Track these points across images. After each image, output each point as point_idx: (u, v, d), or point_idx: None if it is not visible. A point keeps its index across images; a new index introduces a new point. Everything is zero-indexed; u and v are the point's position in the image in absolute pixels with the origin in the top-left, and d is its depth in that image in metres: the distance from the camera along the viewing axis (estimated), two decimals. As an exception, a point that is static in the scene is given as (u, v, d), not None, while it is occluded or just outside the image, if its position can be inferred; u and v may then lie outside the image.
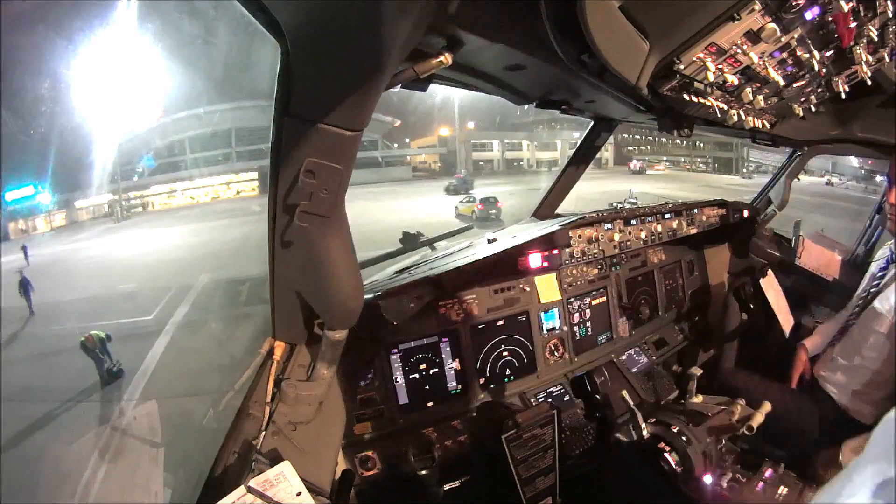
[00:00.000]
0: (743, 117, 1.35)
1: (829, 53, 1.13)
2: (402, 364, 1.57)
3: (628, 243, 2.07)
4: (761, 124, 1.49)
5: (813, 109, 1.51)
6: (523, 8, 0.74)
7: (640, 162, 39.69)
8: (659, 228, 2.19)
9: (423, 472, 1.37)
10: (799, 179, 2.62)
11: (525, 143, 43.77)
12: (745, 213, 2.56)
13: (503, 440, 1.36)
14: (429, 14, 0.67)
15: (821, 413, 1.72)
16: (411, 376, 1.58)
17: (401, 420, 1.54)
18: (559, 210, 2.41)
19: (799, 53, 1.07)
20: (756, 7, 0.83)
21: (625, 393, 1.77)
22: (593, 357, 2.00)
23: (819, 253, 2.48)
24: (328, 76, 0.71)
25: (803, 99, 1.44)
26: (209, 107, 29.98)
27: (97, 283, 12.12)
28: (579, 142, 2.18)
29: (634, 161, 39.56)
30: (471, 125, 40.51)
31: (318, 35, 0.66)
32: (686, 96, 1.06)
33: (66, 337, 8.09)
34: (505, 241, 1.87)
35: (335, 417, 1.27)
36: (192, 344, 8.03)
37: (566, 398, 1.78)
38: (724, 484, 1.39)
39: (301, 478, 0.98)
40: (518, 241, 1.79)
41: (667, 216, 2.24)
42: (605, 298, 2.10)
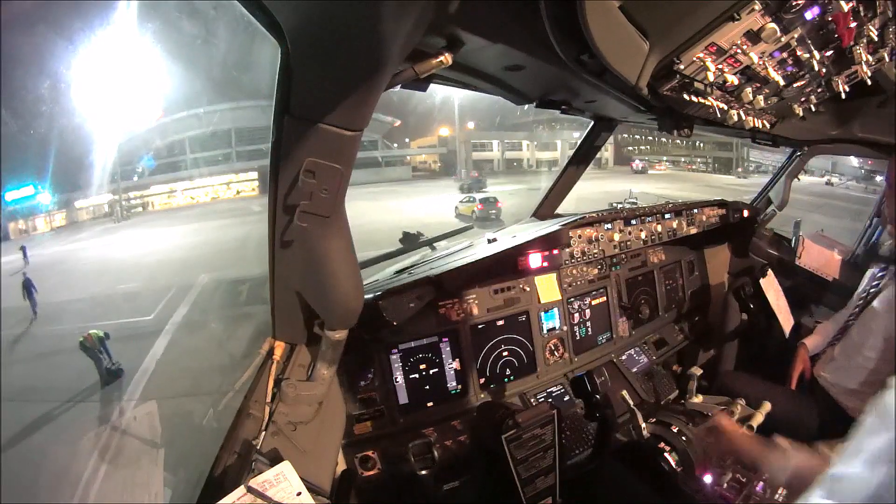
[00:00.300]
0: (743, 117, 1.35)
1: (829, 53, 1.13)
2: (402, 364, 1.57)
3: (628, 243, 2.07)
4: (761, 124, 1.49)
5: (813, 109, 1.51)
6: (523, 8, 0.74)
7: (643, 162, 40.42)
8: (659, 228, 2.19)
9: (423, 472, 1.37)
10: (799, 179, 2.62)
11: (525, 143, 43.75)
12: (745, 213, 2.56)
13: (503, 440, 1.36)
14: (429, 14, 0.67)
15: (820, 413, 1.72)
16: (411, 376, 1.58)
17: (401, 420, 1.54)
18: (559, 210, 2.41)
19: (799, 53, 1.07)
20: (756, 7, 0.83)
21: (625, 393, 1.77)
22: (593, 357, 1.99)
23: (819, 253, 2.48)
24: (328, 76, 0.71)
25: (803, 99, 1.44)
26: (209, 107, 29.98)
27: (97, 284, 12.12)
28: (579, 142, 2.18)
29: (637, 161, 40.25)
30: (471, 125, 40.49)
31: (318, 35, 0.66)
32: (686, 96, 1.06)
33: (66, 337, 8.09)
34: (505, 241, 1.86)
35: (335, 417, 1.28)
36: (193, 344, 8.03)
37: (566, 398, 1.78)
38: (724, 484, 1.39)
39: (301, 478, 0.98)
40: (518, 241, 1.79)
41: (667, 216, 2.24)
42: (605, 298, 2.10)
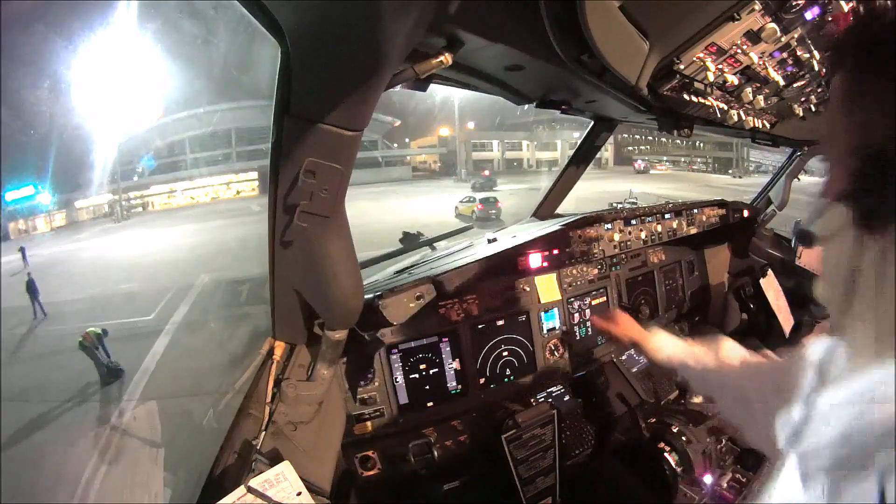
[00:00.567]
0: (743, 117, 1.35)
1: (830, 53, 1.13)
2: (402, 364, 1.57)
3: (628, 243, 2.07)
4: (761, 124, 1.49)
5: (813, 109, 1.51)
6: (523, 8, 0.74)
7: (644, 162, 41.81)
8: (659, 228, 2.19)
9: (423, 472, 1.37)
10: (799, 179, 2.63)
11: (525, 143, 43.80)
12: (745, 213, 2.56)
13: (503, 440, 1.37)
14: (429, 14, 0.67)
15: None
16: (411, 376, 1.58)
17: (401, 420, 1.54)
18: (559, 210, 2.41)
19: (799, 53, 1.07)
20: (756, 7, 0.83)
21: (625, 393, 1.77)
22: (593, 357, 1.99)
23: (819, 253, 2.48)
24: (328, 76, 0.71)
25: (803, 99, 1.44)
26: (209, 107, 30.01)
27: (97, 284, 12.13)
28: (579, 142, 2.17)
29: (639, 161, 41.61)
30: (471, 125, 40.55)
31: (318, 35, 0.66)
32: (686, 96, 1.06)
33: (66, 337, 8.10)
34: (505, 241, 1.86)
35: (335, 417, 1.28)
36: (193, 344, 8.03)
37: (566, 398, 1.78)
38: (724, 484, 1.39)
39: (301, 478, 0.98)
40: (518, 241, 1.79)
41: (667, 216, 2.24)
42: (605, 298, 2.10)
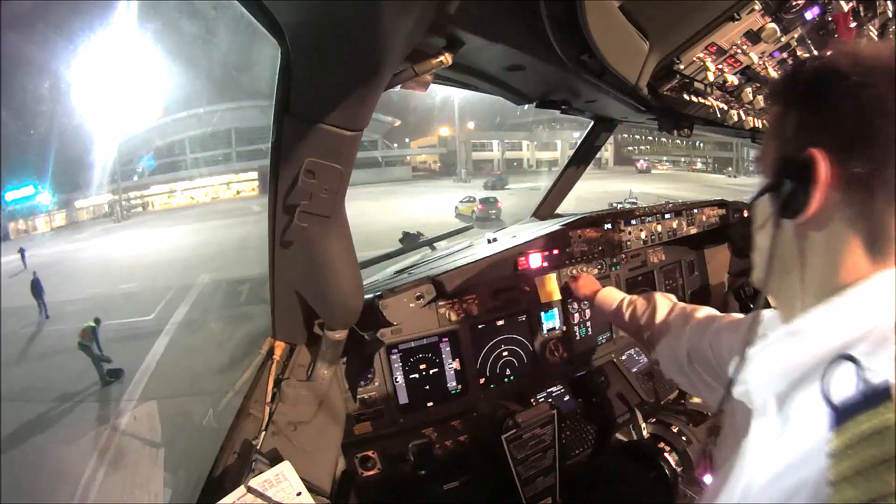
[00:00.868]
0: (743, 117, 1.35)
1: (830, 53, 1.13)
2: (402, 364, 1.57)
3: (628, 243, 2.07)
4: (761, 124, 1.49)
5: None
6: (523, 8, 0.74)
7: (646, 162, 43.30)
8: (659, 228, 2.20)
9: (423, 472, 1.37)
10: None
11: (525, 143, 43.81)
12: (745, 213, 2.56)
13: (503, 440, 1.37)
14: (429, 14, 0.67)
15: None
16: (411, 376, 1.58)
17: (401, 420, 1.54)
18: (559, 210, 2.41)
19: (799, 53, 1.07)
20: (756, 7, 0.83)
21: (625, 393, 1.77)
22: (593, 357, 1.99)
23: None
24: (328, 76, 0.71)
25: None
26: (209, 107, 30.01)
27: (97, 283, 12.13)
28: (579, 142, 2.17)
29: (641, 161, 42.96)
30: (471, 125, 40.54)
31: (318, 35, 0.66)
32: (686, 96, 1.06)
33: (66, 337, 8.10)
34: (505, 241, 1.86)
35: (335, 417, 1.28)
36: (193, 344, 8.04)
37: (566, 398, 1.77)
38: (725, 484, 1.39)
39: (301, 478, 0.98)
40: (518, 241, 1.79)
41: (667, 216, 2.24)
42: (605, 298, 2.10)
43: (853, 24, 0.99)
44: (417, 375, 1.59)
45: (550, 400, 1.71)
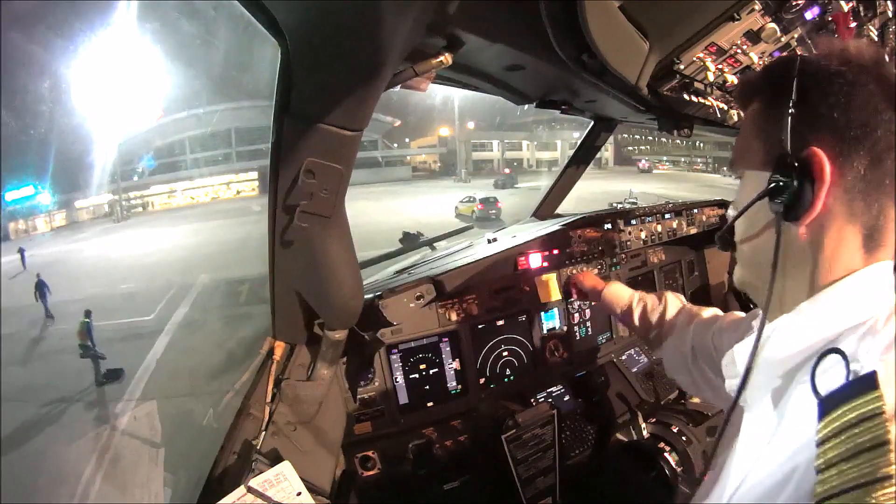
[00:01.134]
0: (743, 117, 1.35)
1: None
2: (402, 364, 1.57)
3: (628, 243, 2.07)
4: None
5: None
6: (523, 8, 0.74)
7: (648, 162, 44.33)
8: (659, 228, 2.19)
9: (423, 472, 1.37)
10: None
11: (525, 143, 43.80)
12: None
13: (503, 440, 1.36)
14: (429, 14, 0.67)
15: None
16: (411, 376, 1.58)
17: (401, 420, 1.54)
18: (559, 210, 2.41)
19: (799, 53, 1.07)
20: (756, 7, 0.83)
21: (625, 393, 1.77)
22: (593, 357, 1.99)
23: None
24: (328, 76, 0.71)
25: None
26: (209, 107, 29.98)
27: (97, 284, 12.13)
28: (579, 142, 2.17)
29: (643, 161, 43.88)
30: (471, 125, 40.52)
31: (318, 35, 0.66)
32: (686, 96, 1.06)
33: (65, 336, 8.11)
34: (505, 241, 1.86)
35: (335, 417, 1.28)
36: (193, 344, 8.04)
37: (566, 398, 1.77)
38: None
39: (301, 478, 0.98)
40: (518, 241, 1.79)
41: (667, 216, 2.24)
42: (605, 298, 2.10)
43: (853, 24, 0.99)
44: (417, 375, 1.59)
45: (550, 400, 1.71)
